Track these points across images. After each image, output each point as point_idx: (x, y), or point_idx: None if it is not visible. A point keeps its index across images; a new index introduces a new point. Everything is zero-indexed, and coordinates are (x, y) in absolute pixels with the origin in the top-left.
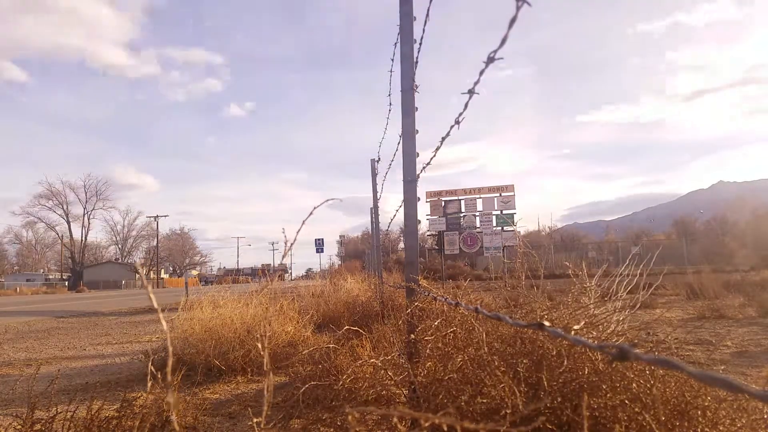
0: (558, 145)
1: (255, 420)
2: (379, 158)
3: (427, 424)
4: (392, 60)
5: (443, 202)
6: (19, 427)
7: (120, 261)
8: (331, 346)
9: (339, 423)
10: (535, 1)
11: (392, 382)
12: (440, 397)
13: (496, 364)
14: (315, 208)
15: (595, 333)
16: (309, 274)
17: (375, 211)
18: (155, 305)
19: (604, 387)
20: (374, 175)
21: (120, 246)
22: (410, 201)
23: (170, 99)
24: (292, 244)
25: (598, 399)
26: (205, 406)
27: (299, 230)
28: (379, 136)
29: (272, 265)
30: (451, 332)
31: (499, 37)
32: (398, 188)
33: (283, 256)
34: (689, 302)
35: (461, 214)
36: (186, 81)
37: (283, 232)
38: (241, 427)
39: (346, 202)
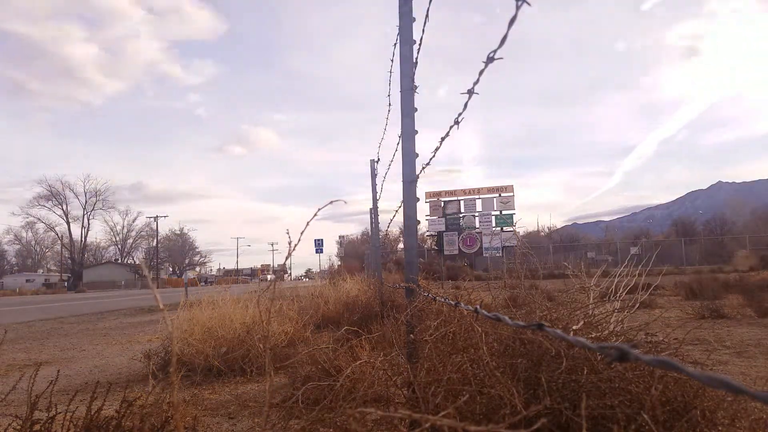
0: None
1: (255, 420)
2: (379, 159)
3: (427, 425)
4: (392, 60)
5: (442, 203)
6: (19, 427)
7: (119, 261)
8: (330, 346)
9: (339, 423)
10: None
11: (392, 382)
12: (439, 397)
13: (495, 364)
14: (319, 209)
15: (594, 333)
16: (308, 275)
17: (374, 211)
18: (161, 306)
19: (603, 387)
20: (374, 175)
21: (119, 246)
22: (410, 201)
23: None
24: (296, 245)
25: (597, 399)
26: (204, 407)
27: (303, 232)
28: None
29: (272, 265)
30: (450, 332)
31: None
32: (398, 188)
33: (287, 257)
34: (688, 302)
35: (461, 215)
36: None
37: (287, 233)
38: (241, 427)
39: (349, 210)
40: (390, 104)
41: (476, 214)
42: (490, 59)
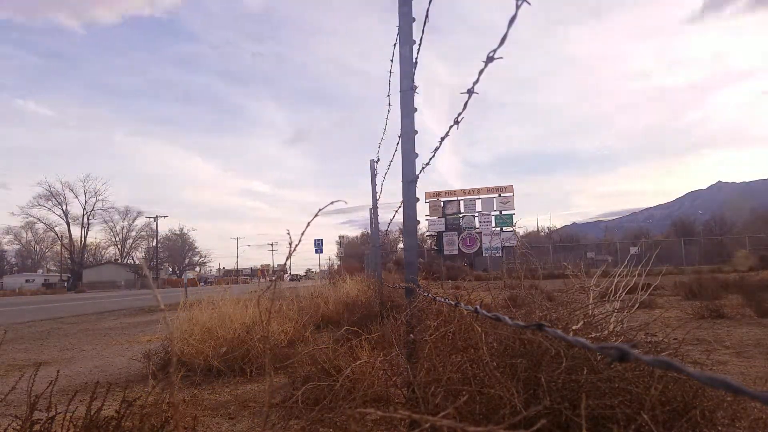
0: None
1: (255, 420)
2: (378, 159)
3: (427, 426)
4: (391, 61)
5: (442, 203)
6: (18, 427)
7: (119, 261)
8: (330, 346)
9: (338, 423)
10: None
11: (391, 382)
12: (439, 397)
13: (495, 364)
14: (320, 210)
15: (594, 333)
16: (308, 274)
17: (374, 211)
18: (161, 305)
19: (603, 387)
20: (373, 175)
21: (119, 246)
22: (409, 201)
23: None
24: (296, 245)
25: (597, 399)
26: (204, 407)
27: (303, 232)
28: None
29: (271, 265)
30: (450, 332)
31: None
32: (398, 188)
33: (288, 257)
34: (688, 302)
35: (460, 215)
36: None
37: (288, 233)
38: (241, 427)
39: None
40: (390, 104)
41: (476, 214)
42: (489, 59)
